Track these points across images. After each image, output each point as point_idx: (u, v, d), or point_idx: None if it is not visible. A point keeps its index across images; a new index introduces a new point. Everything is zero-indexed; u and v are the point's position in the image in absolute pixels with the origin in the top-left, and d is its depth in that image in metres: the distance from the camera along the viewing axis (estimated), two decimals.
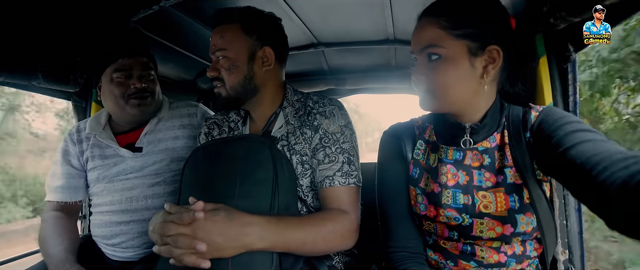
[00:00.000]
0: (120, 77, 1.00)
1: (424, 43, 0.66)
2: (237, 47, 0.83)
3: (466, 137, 0.71)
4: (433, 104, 0.69)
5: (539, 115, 0.67)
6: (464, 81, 0.65)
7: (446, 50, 0.64)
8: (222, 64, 0.84)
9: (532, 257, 0.72)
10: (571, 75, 0.82)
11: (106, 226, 1.01)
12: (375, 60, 1.54)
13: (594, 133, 0.58)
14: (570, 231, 0.80)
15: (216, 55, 0.84)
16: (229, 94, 0.85)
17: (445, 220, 0.70)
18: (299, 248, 0.71)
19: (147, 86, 1.03)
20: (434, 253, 0.75)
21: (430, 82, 0.67)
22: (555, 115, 0.65)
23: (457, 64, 0.64)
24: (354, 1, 1.03)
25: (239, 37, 0.84)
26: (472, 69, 0.65)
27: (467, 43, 0.64)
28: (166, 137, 1.08)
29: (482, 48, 0.64)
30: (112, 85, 1.01)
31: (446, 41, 0.64)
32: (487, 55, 0.65)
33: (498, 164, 0.70)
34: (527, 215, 0.67)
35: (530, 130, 0.68)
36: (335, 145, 0.82)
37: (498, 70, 0.67)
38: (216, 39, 0.85)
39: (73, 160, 1.06)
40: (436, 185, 0.72)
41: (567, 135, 0.59)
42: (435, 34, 0.65)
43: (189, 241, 0.61)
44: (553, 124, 0.63)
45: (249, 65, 0.85)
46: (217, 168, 0.76)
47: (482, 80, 0.66)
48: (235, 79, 0.84)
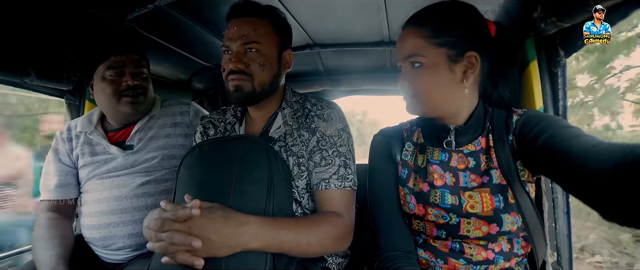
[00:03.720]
0: (112, 74, 1.00)
1: (407, 52, 0.71)
2: (271, 44, 0.83)
3: (450, 137, 0.75)
4: (418, 108, 0.74)
5: (520, 118, 0.71)
6: (445, 86, 0.70)
7: (427, 59, 0.69)
8: (254, 58, 0.81)
9: (520, 255, 0.75)
10: (561, 79, 0.83)
11: (95, 228, 0.99)
12: (371, 62, 1.55)
13: (576, 129, 0.61)
14: (559, 233, 0.82)
15: (246, 46, 0.81)
16: (255, 89, 0.83)
17: (433, 219, 0.73)
18: (293, 249, 0.71)
19: (139, 83, 1.02)
20: (424, 252, 0.77)
21: (414, 88, 0.71)
22: (537, 117, 0.69)
23: (437, 70, 0.69)
24: (349, 3, 1.04)
25: (271, 35, 0.83)
26: (452, 74, 0.69)
27: (446, 51, 0.68)
28: (158, 134, 1.07)
29: (461, 54, 0.68)
30: (104, 83, 1.00)
31: (426, 50, 0.68)
32: (466, 61, 0.69)
33: (484, 166, 0.73)
34: (512, 215, 0.69)
35: (513, 133, 0.71)
36: (332, 148, 0.83)
37: (477, 75, 0.71)
38: (246, 30, 0.80)
39: (64, 158, 1.05)
40: (425, 185, 0.75)
41: (552, 133, 0.62)
42: (417, 44, 0.69)
43: (184, 238, 0.61)
44: (536, 125, 0.66)
45: (278, 64, 0.85)
46: (213, 167, 0.76)
47: (462, 84, 0.70)
48: (267, 75, 0.83)
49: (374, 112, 35.26)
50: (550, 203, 0.81)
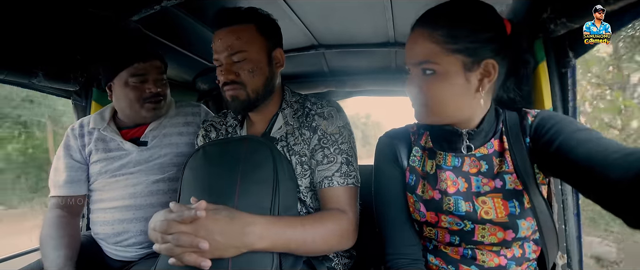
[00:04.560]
0: (136, 81, 1.01)
1: (418, 58, 0.64)
2: (257, 49, 0.82)
3: (465, 142, 0.71)
4: (429, 117, 0.68)
5: (534, 119, 0.68)
6: (459, 96, 0.64)
7: (440, 67, 0.62)
8: (242, 66, 0.81)
9: (531, 259, 0.72)
10: (570, 80, 0.82)
11: (108, 224, 1.00)
12: (376, 63, 1.55)
13: (590, 131, 0.59)
14: (569, 235, 0.81)
15: (233, 57, 0.81)
16: (250, 97, 0.83)
17: (447, 226, 0.70)
18: (299, 248, 0.71)
19: (161, 91, 1.04)
20: (435, 258, 0.75)
21: (425, 96, 0.66)
22: (554, 118, 0.65)
23: (451, 79, 0.62)
24: (354, 3, 1.03)
25: (257, 38, 0.83)
26: (467, 83, 0.63)
27: (462, 58, 0.62)
28: (171, 132, 1.09)
29: (478, 62, 0.62)
30: (127, 88, 1.01)
31: (440, 57, 0.62)
32: (483, 69, 0.63)
33: (497, 169, 0.69)
34: (528, 220, 0.67)
35: (529, 135, 0.68)
36: (333, 146, 0.82)
37: (494, 83, 0.65)
38: (230, 40, 0.80)
39: (75, 154, 1.05)
40: (436, 192, 0.71)
41: (569, 136, 0.59)
42: (429, 50, 0.63)
43: (190, 240, 0.61)
44: (551, 128, 0.63)
45: (269, 66, 0.85)
46: (217, 168, 0.76)
47: (478, 93, 0.64)
48: (258, 81, 0.83)
49: (377, 114, 35.22)
50: (560, 205, 0.80)
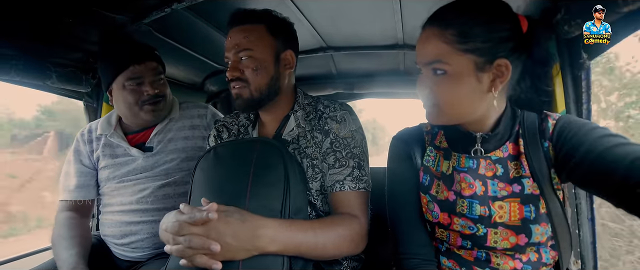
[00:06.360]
0: (132, 84, 1.01)
1: (429, 58, 0.63)
2: (264, 48, 0.83)
3: (477, 146, 0.69)
4: (440, 118, 0.67)
5: (556, 123, 0.66)
6: (471, 97, 0.63)
7: (451, 67, 0.61)
8: (247, 64, 0.82)
9: (548, 264, 0.70)
10: (585, 82, 0.81)
11: (116, 226, 1.02)
12: (384, 65, 1.55)
13: (622, 137, 0.57)
14: (583, 241, 0.79)
15: (239, 55, 0.82)
16: (253, 95, 0.83)
17: (459, 229, 0.69)
18: (310, 251, 0.70)
19: (159, 91, 1.04)
20: (448, 260, 0.74)
21: (436, 97, 0.65)
22: (577, 122, 0.63)
23: (463, 80, 0.61)
24: (363, 6, 1.03)
25: (265, 38, 0.83)
26: (479, 84, 0.62)
27: (474, 58, 0.60)
28: (177, 137, 1.09)
29: (490, 62, 0.61)
30: (124, 92, 1.01)
31: (451, 57, 0.61)
32: (495, 69, 0.61)
33: (513, 173, 0.68)
34: (542, 226, 0.65)
35: (549, 139, 0.66)
36: (345, 149, 0.82)
37: (507, 83, 0.63)
38: (239, 38, 0.82)
39: (84, 160, 1.07)
40: (451, 194, 0.70)
41: (596, 141, 0.58)
42: (440, 49, 0.61)
43: (202, 241, 0.61)
44: (578, 132, 0.61)
45: (275, 66, 0.84)
46: (228, 170, 0.76)
47: (490, 93, 0.63)
48: (262, 79, 0.83)
49: (381, 118, 35.17)
50: (574, 209, 0.79)
